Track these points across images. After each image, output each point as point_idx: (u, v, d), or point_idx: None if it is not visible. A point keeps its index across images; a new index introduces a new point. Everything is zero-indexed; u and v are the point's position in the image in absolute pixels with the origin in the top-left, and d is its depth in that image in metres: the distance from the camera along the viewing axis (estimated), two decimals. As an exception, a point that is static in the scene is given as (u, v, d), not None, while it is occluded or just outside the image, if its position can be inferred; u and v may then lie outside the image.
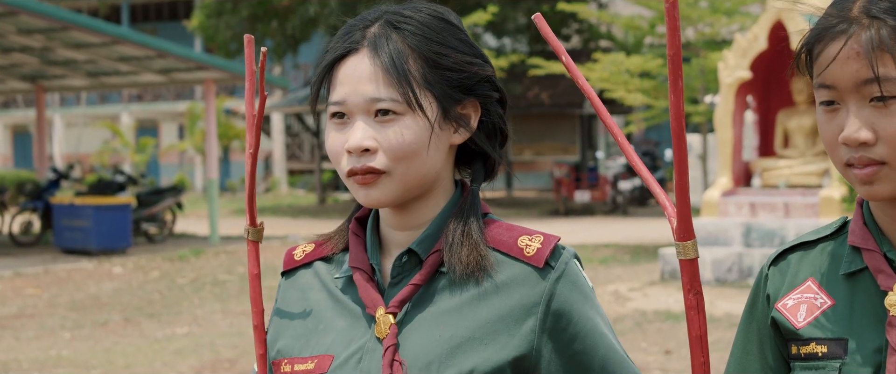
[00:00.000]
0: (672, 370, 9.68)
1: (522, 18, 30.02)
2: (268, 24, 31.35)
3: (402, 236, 2.03)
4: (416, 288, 1.96)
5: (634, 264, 17.07)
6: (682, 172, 1.57)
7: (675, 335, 11.19)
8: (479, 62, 2.01)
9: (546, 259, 1.95)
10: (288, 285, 2.16)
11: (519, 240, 1.98)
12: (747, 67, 14.81)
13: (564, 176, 30.08)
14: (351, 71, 1.95)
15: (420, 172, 1.95)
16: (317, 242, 2.15)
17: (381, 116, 1.93)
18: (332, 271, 2.10)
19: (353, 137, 1.93)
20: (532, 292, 1.95)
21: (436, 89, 1.95)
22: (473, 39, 2.07)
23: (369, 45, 1.95)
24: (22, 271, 17.46)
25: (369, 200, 1.96)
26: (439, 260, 1.97)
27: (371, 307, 1.97)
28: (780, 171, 15.04)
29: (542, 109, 34.53)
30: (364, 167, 1.93)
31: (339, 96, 1.95)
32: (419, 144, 1.93)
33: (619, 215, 28.90)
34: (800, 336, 1.95)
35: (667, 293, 13.62)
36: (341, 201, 37.27)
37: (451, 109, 1.97)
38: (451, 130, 1.99)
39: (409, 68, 1.93)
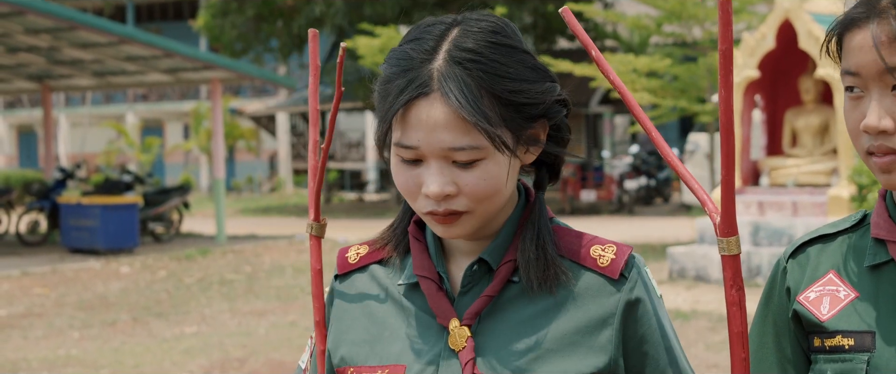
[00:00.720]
0: (682, 369, 9.65)
1: (528, 18, 30.01)
2: (273, 24, 31.37)
3: (469, 244, 2.01)
4: (490, 299, 1.95)
5: (642, 263, 17.05)
6: (729, 169, 1.58)
7: (684, 333, 11.18)
8: (550, 86, 1.96)
9: (621, 271, 1.95)
10: (345, 287, 2.12)
11: (592, 250, 1.97)
12: (755, 66, 14.79)
13: (570, 175, 30.06)
14: (424, 117, 1.87)
15: (499, 204, 1.94)
16: (369, 243, 2.12)
17: (461, 161, 1.88)
18: (391, 276, 2.07)
19: (433, 184, 1.88)
20: (608, 303, 1.95)
21: (511, 125, 1.89)
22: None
23: (439, 88, 1.86)
24: (29, 271, 17.47)
25: (449, 234, 1.94)
26: (511, 270, 1.96)
27: (443, 318, 1.95)
28: (788, 170, 15.02)
29: (548, 109, 34.53)
30: (446, 211, 1.89)
31: (412, 141, 1.88)
32: (500, 183, 1.90)
33: (625, 214, 28.89)
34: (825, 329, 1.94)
35: (675, 292, 13.61)
36: (347, 201, 37.28)
37: (523, 136, 1.93)
38: (523, 151, 1.96)
39: (485, 112, 1.86)
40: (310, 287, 8.34)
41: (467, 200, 1.89)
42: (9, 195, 23.73)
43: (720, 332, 11.18)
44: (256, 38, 32.06)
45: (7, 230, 23.71)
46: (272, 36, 32.02)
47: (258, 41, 32.35)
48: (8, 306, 14.42)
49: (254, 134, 43.51)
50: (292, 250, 20.29)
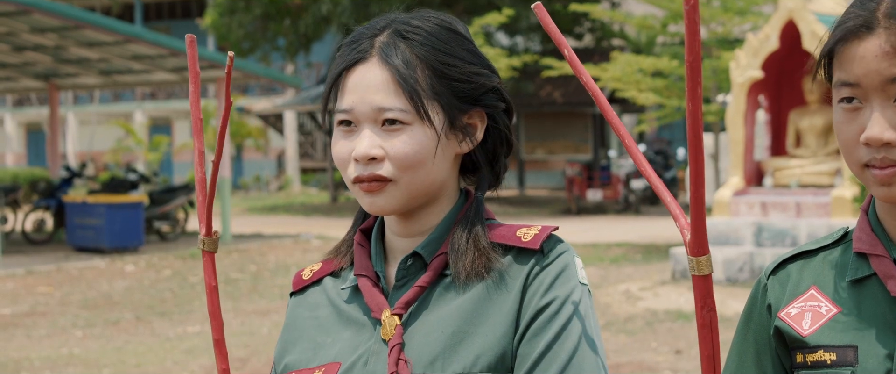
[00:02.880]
0: (682, 370, 9.68)
1: (534, 18, 30.00)
2: (280, 23, 31.39)
3: (407, 242, 2.06)
4: (422, 290, 1.99)
5: (646, 263, 17.07)
6: (698, 184, 1.49)
7: (686, 334, 11.19)
8: (487, 73, 2.03)
9: (541, 243, 1.96)
10: (296, 303, 2.18)
11: (518, 231, 2.00)
12: (759, 67, 14.80)
13: (577, 175, 30.06)
14: (359, 80, 1.97)
15: (426, 181, 1.98)
16: (324, 261, 2.17)
17: (388, 125, 1.95)
18: (339, 285, 2.12)
19: (361, 146, 1.95)
20: (522, 272, 1.97)
21: (443, 99, 1.97)
22: (486, 40, 2.07)
23: (378, 54, 1.97)
24: (34, 269, 17.50)
25: (375, 207, 1.98)
26: (444, 263, 2.00)
27: (376, 311, 1.99)
28: (792, 170, 15.02)
29: (555, 108, 34.52)
30: (370, 175, 1.95)
31: (347, 104, 1.98)
32: (425, 154, 1.96)
33: (632, 214, 28.88)
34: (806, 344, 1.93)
35: (678, 293, 13.61)
36: (353, 200, 37.18)
37: (457, 119, 2.00)
38: (457, 139, 2.01)
39: (418, 78, 1.96)
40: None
41: (392, 165, 1.95)
42: (15, 194, 23.75)
43: (722, 332, 11.16)
44: (263, 36, 32.08)
45: (13, 228, 23.74)
46: (279, 35, 32.04)
47: (265, 40, 32.37)
48: (12, 304, 14.45)
49: (261, 132, 43.53)
50: (297, 249, 20.31)
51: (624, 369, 9.80)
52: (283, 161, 44.65)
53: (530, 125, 36.66)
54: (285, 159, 43.84)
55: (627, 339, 11.13)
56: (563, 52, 1.70)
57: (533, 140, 36.79)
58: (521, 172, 37.34)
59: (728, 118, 15.45)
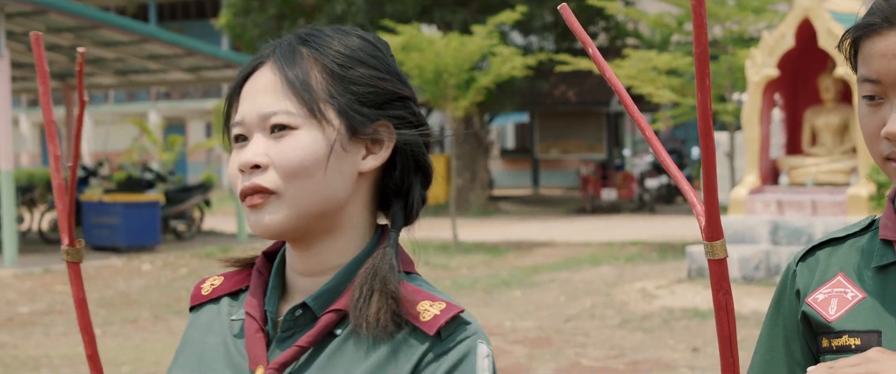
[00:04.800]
0: (699, 368, 9.69)
1: (549, 16, 30.00)
2: (294, 22, 31.41)
3: (307, 282, 1.80)
4: (302, 351, 1.73)
5: (661, 261, 17.07)
6: (710, 172, 1.54)
7: (703, 332, 11.20)
8: (392, 79, 1.81)
9: (439, 329, 1.70)
10: (193, 320, 1.93)
11: (420, 304, 1.72)
12: (775, 65, 14.79)
13: (591, 174, 30.06)
14: (251, 87, 1.78)
15: (316, 197, 1.73)
16: (226, 274, 1.92)
17: (276, 131, 1.73)
18: (233, 312, 1.87)
19: (245, 154, 1.74)
20: (413, 357, 1.71)
21: (338, 103, 1.75)
22: (501, 39, 1.96)
23: (272, 58, 1.79)
24: (51, 268, 17.55)
25: (259, 226, 1.73)
26: (334, 321, 1.74)
27: (253, 363, 1.75)
28: (808, 169, 15.02)
29: (569, 107, 34.52)
30: (252, 185, 1.72)
31: (238, 116, 1.78)
32: (313, 161, 1.72)
33: (646, 212, 28.87)
34: (831, 329, 1.95)
35: (694, 291, 13.62)
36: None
37: (358, 129, 1.76)
38: (360, 154, 1.77)
39: (310, 79, 1.75)
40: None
41: (276, 174, 1.71)
42: (31, 193, 23.83)
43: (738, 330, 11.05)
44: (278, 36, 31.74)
45: (29, 228, 23.82)
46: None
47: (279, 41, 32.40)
48: (30, 303, 14.50)
49: (275, 132, 43.57)
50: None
51: (641, 366, 9.82)
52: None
53: (544, 124, 36.65)
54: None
55: (644, 337, 11.13)
56: (587, 50, 1.69)
57: (547, 139, 36.79)
58: (536, 172, 37.33)
59: (744, 117, 15.44)
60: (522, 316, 12.52)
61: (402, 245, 1.84)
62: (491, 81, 21.27)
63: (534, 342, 10.99)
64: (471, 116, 28.76)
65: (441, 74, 20.07)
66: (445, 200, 31.68)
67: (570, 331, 11.54)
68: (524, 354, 10.42)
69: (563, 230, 23.38)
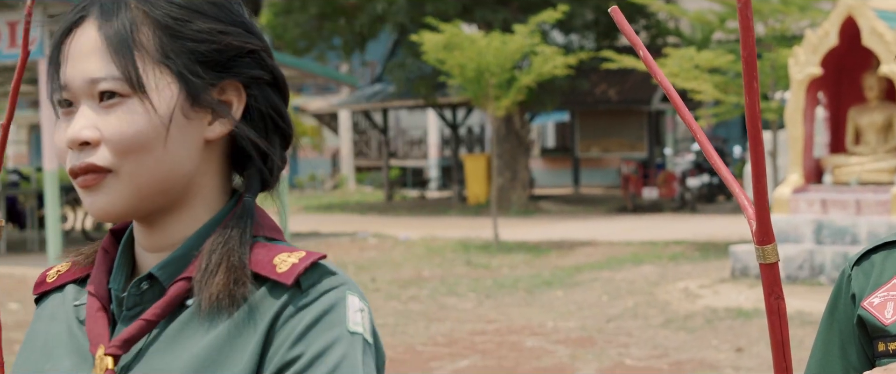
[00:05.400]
0: (744, 368, 9.65)
1: (590, 14, 29.94)
2: (335, 22, 31.49)
3: (154, 258, 1.60)
4: (149, 325, 1.54)
5: (704, 260, 17.01)
6: (759, 175, 1.54)
7: (747, 332, 11.15)
8: (238, 32, 1.58)
9: (297, 277, 1.51)
10: (38, 313, 1.72)
11: (277, 257, 1.54)
12: (818, 64, 14.71)
13: (632, 173, 29.99)
14: (74, 46, 1.55)
15: (157, 173, 1.53)
16: (73, 259, 1.71)
17: (106, 100, 1.52)
18: (80, 297, 1.66)
19: (72, 128, 1.52)
20: (270, 311, 1.52)
21: (175, 64, 1.53)
22: (542, 38, 1.77)
23: (96, 12, 1.55)
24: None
25: (95, 208, 1.54)
26: (184, 290, 1.55)
27: (93, 344, 1.55)
28: (852, 168, 14.93)
29: (610, 106, 34.44)
30: (83, 165, 1.52)
31: (62, 79, 1.55)
32: (150, 134, 1.51)
33: (688, 212, 28.77)
34: (888, 333, 1.94)
35: (737, 291, 13.56)
36: (409, 198, 37.35)
37: (200, 93, 1.54)
38: (205, 120, 1.56)
39: (139, 39, 1.52)
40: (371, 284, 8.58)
41: (109, 151, 1.51)
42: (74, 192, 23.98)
43: (782, 331, 11.12)
44: (319, 36, 32.17)
45: (73, 227, 23.98)
46: (335, 34, 32.14)
47: (321, 39, 32.47)
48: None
49: (317, 131, 43.67)
50: (354, 248, 20.38)
51: (685, 366, 9.79)
52: (337, 160, 44.77)
53: (585, 123, 36.59)
54: (340, 158, 43.98)
55: (688, 337, 11.10)
56: (638, 53, 1.67)
57: (588, 138, 36.73)
58: (576, 170, 37.27)
59: (787, 115, 15.36)
60: (564, 316, 12.51)
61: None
62: (532, 81, 21.25)
63: (576, 342, 10.97)
64: (511, 115, 28.73)
65: (483, 73, 20.07)
66: (486, 199, 31.69)
67: (613, 331, 11.52)
68: (567, 354, 10.41)
69: (605, 229, 23.34)
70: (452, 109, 35.19)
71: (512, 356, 10.44)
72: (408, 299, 14.07)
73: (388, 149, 37.35)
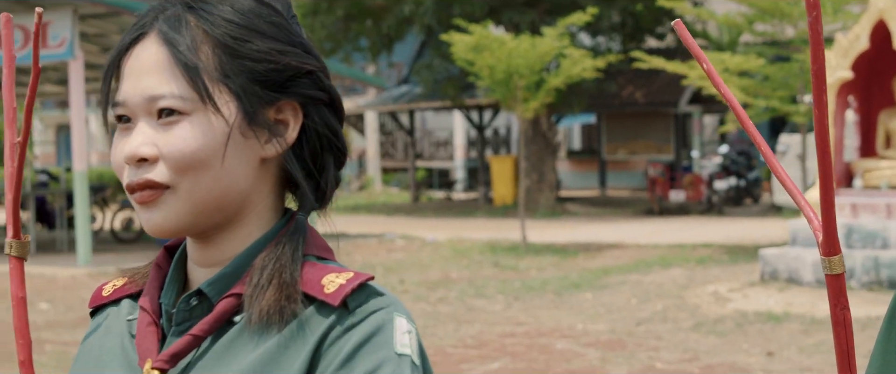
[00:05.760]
0: (775, 372, 9.63)
1: (617, 17, 29.92)
2: (362, 23, 31.53)
3: (205, 273, 1.61)
4: (197, 340, 1.55)
5: (733, 264, 16.97)
6: (827, 186, 1.54)
7: (777, 336, 11.13)
8: (296, 52, 1.60)
9: (345, 298, 1.51)
10: (94, 324, 1.74)
11: (325, 277, 1.54)
12: (849, 67, 14.66)
13: (659, 175, 29.94)
14: (134, 62, 1.56)
15: (213, 190, 1.54)
16: (129, 275, 1.73)
17: (164, 117, 1.53)
18: (133, 312, 1.68)
19: (130, 144, 1.54)
20: (319, 330, 1.52)
21: (233, 83, 1.55)
22: (571, 40, 1.71)
23: (157, 29, 1.56)
24: (124, 267, 17.62)
25: (152, 224, 1.55)
26: (233, 306, 1.56)
27: (142, 358, 1.57)
28: (882, 172, 14.87)
29: (637, 108, 34.40)
30: (141, 180, 1.53)
31: (120, 95, 1.57)
32: (209, 152, 1.53)
33: (715, 214, 28.71)
34: None
35: (767, 294, 13.53)
36: (435, 200, 37.37)
37: (258, 113, 1.56)
38: (261, 139, 1.57)
39: (199, 57, 1.54)
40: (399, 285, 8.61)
41: (167, 167, 1.52)
42: (103, 193, 24.09)
43: (813, 334, 11.11)
44: (346, 37, 32.22)
45: (101, 227, 24.08)
46: (361, 35, 32.18)
47: (347, 40, 32.52)
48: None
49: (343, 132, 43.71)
50: (382, 249, 20.40)
51: (716, 370, 9.77)
52: (364, 161, 44.82)
53: (612, 125, 36.56)
54: (366, 159, 44.02)
55: (718, 340, 11.08)
56: (702, 66, 1.66)
57: (614, 140, 36.69)
58: (603, 173, 37.24)
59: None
60: (594, 319, 12.50)
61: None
62: (561, 83, 21.24)
63: (606, 345, 10.97)
64: (538, 117, 28.72)
65: (512, 75, 20.07)
66: (513, 200, 31.69)
67: (643, 334, 11.51)
68: (597, 357, 10.40)
69: (632, 232, 23.31)
70: (479, 110, 35.21)
71: (542, 358, 10.45)
72: (436, 300, 14.09)
73: (414, 150, 37.37)
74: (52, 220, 24.04)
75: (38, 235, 23.07)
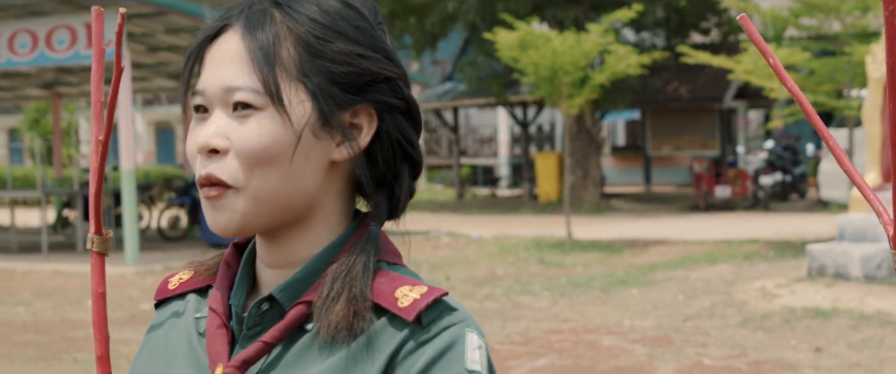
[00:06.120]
0: (823, 368, 9.58)
1: (661, 12, 29.82)
2: (406, 21, 31.57)
3: (275, 274, 1.60)
4: (267, 347, 1.54)
5: (780, 259, 16.89)
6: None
7: (825, 332, 11.07)
8: (377, 57, 1.59)
9: (418, 313, 1.50)
10: (157, 317, 1.74)
11: (398, 290, 1.53)
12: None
13: (704, 171, 29.83)
14: (215, 53, 1.56)
15: (280, 189, 1.53)
16: (196, 269, 1.73)
17: (239, 110, 1.52)
18: (201, 308, 1.68)
19: (203, 133, 1.53)
20: (391, 344, 1.51)
21: (311, 83, 1.53)
22: (615, 36, 1.63)
23: (241, 21, 1.56)
24: (171, 265, 17.82)
25: (216, 221, 1.54)
26: (304, 314, 1.54)
27: (213, 362, 1.56)
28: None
29: (681, 103, 34.28)
30: (209, 176, 1.52)
31: (199, 84, 1.57)
32: (278, 149, 1.51)
33: (760, 210, 28.58)
34: None
35: (814, 290, 13.45)
36: (480, 197, 37.37)
37: (333, 114, 1.54)
38: (333, 141, 1.56)
39: (280, 53, 1.53)
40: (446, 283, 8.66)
41: (236, 161, 1.51)
42: (150, 191, 24.26)
43: (862, 330, 11.04)
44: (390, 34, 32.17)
45: (148, 225, 24.23)
46: (405, 33, 32.22)
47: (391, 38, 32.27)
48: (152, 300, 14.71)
49: (387, 130, 43.80)
50: (428, 246, 20.42)
51: (764, 366, 9.74)
52: (408, 158, 44.85)
53: (656, 121, 36.45)
54: (411, 156, 44.05)
55: (765, 336, 11.04)
56: (767, 60, 1.63)
57: (659, 136, 36.58)
58: (648, 169, 37.14)
59: (864, 113, 15.24)
60: (640, 315, 12.48)
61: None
62: (606, 79, 21.20)
63: (653, 342, 10.95)
64: (583, 113, 28.68)
65: (557, 71, 20.05)
66: (557, 197, 31.66)
67: (690, 330, 11.48)
68: (644, 353, 10.39)
69: (678, 228, 23.24)
70: (523, 106, 35.18)
71: (589, 355, 10.44)
72: (483, 297, 14.10)
73: (458, 147, 37.40)
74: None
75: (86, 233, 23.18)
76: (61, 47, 18.94)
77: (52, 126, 28.70)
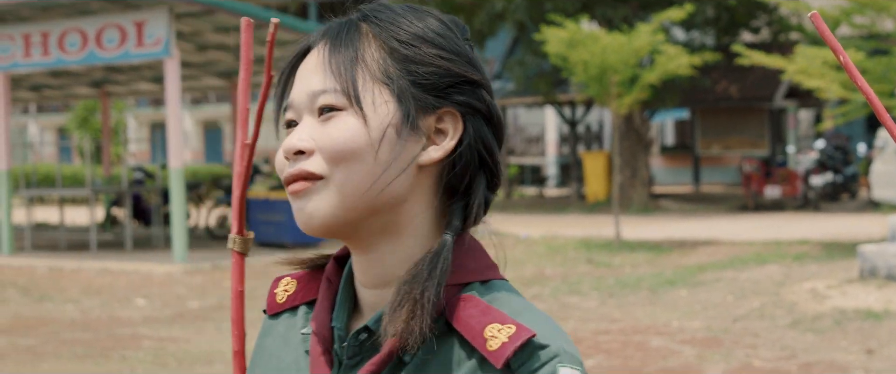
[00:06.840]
0: (874, 370, 9.48)
1: (711, 11, 29.66)
2: (454, 20, 31.57)
3: (373, 295, 1.59)
4: None
5: (830, 260, 16.74)
6: None
7: (877, 334, 10.95)
8: (460, 61, 1.58)
9: (508, 359, 1.46)
10: (269, 329, 1.75)
11: (488, 327, 1.49)
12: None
13: (754, 171, 29.64)
14: (304, 67, 1.60)
15: (365, 182, 1.51)
16: (299, 277, 1.74)
17: (325, 114, 1.54)
18: (308, 324, 1.68)
19: (289, 139, 1.55)
20: None
21: (395, 85, 1.54)
22: (666, 36, 1.65)
23: (329, 34, 1.60)
24: (220, 264, 17.88)
25: (303, 214, 1.54)
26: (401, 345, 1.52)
27: None
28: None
29: (731, 103, 34.09)
30: (296, 171, 1.53)
31: (290, 98, 1.60)
32: (362, 144, 1.51)
33: (811, 210, 28.37)
34: None
35: (866, 292, 13.31)
36: (527, 196, 37.31)
37: (417, 116, 1.54)
38: (419, 143, 1.54)
39: (363, 56, 1.55)
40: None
41: (322, 158, 1.52)
42: (198, 190, 24.35)
43: (916, 333, 10.93)
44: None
45: (197, 224, 24.32)
46: (453, 32, 32.24)
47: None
48: (201, 298, 14.77)
49: (435, 129, 43.88)
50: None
51: (814, 368, 9.64)
52: (455, 158, 44.91)
53: (706, 121, 36.27)
54: (458, 156, 44.10)
55: (816, 338, 10.93)
56: (838, 58, 1.59)
57: (708, 136, 36.40)
58: (697, 168, 36.97)
59: (917, 113, 15.10)
60: (689, 316, 12.39)
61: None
62: (656, 79, 21.09)
63: (702, 343, 10.86)
64: (631, 112, 28.57)
65: (606, 71, 19.97)
66: (605, 197, 31.55)
67: (740, 331, 11.39)
68: (693, 354, 10.31)
69: (727, 228, 23.10)
70: (571, 106, 35.09)
71: (637, 355, 10.37)
72: (531, 297, 14.05)
73: (506, 146, 37.36)
74: (148, 217, 24.34)
75: (134, 231, 23.33)
76: (111, 46, 19.04)
77: (101, 125, 28.90)
